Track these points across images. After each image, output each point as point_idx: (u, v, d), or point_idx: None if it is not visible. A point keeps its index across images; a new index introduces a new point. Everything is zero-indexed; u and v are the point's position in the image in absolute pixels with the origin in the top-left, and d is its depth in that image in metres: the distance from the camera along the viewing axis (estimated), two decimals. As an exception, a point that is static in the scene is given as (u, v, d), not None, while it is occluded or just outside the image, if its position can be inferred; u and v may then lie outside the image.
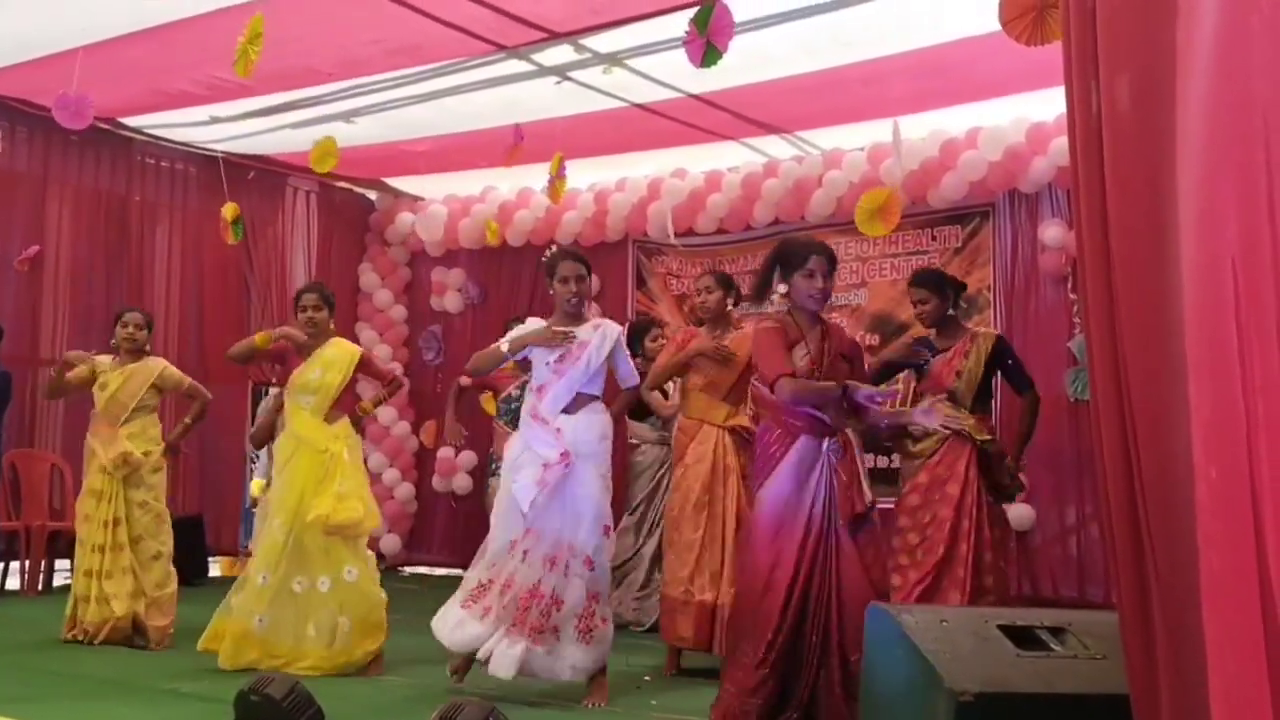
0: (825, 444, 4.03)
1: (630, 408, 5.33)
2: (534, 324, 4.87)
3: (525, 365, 5.82)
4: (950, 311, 5.38)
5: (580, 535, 4.54)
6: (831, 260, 4.19)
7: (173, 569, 5.81)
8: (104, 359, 5.99)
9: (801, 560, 3.97)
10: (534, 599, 4.47)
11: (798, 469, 4.04)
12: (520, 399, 5.90)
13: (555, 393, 4.68)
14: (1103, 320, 2.38)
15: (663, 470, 6.65)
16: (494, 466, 6.03)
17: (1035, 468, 7.23)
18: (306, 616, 5.02)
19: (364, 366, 5.49)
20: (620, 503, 6.43)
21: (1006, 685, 2.80)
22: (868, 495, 4.00)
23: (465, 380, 6.33)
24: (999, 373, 5.41)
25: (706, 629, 5.18)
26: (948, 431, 4.84)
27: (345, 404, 5.44)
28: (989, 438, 5.19)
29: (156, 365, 5.95)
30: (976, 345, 5.27)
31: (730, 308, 5.52)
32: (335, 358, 5.37)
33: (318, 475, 5.13)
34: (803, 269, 4.15)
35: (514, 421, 5.89)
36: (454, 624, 4.61)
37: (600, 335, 4.74)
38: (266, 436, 6.29)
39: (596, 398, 4.73)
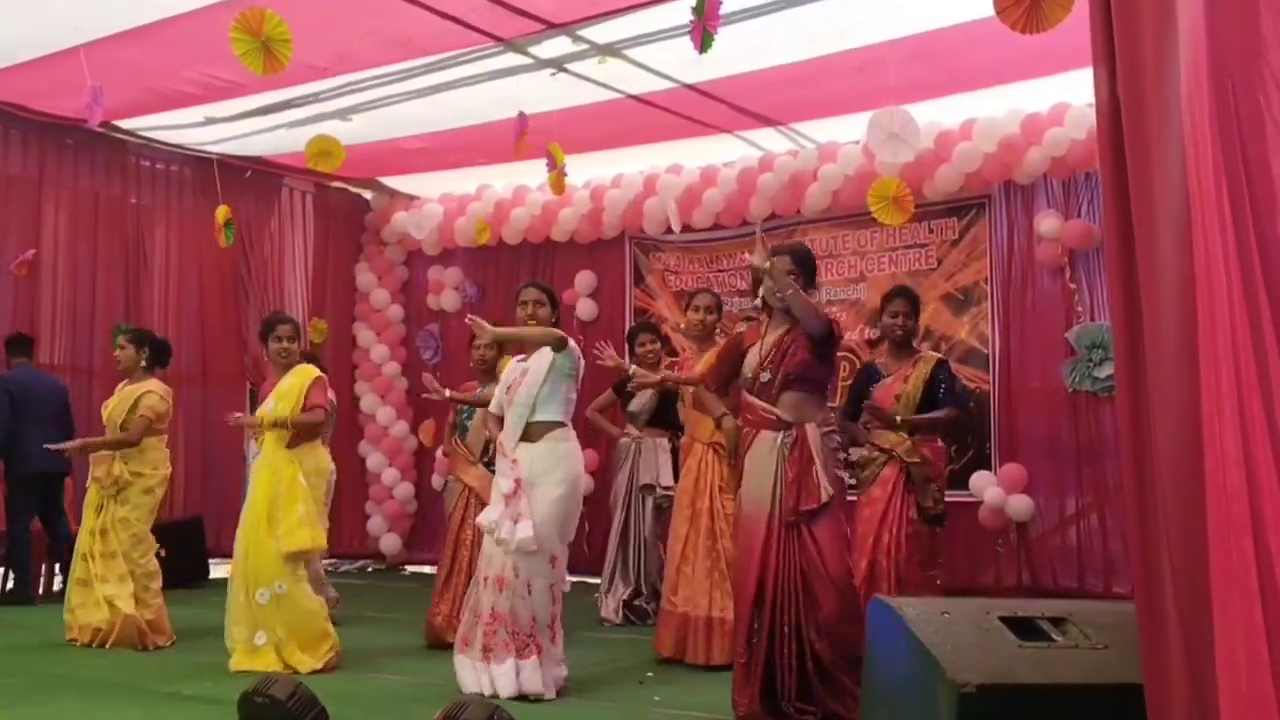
0: (778, 438, 4.14)
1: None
2: (510, 362, 5.00)
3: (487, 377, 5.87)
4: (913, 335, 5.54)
5: (522, 560, 4.54)
6: (800, 261, 4.34)
7: (154, 586, 5.80)
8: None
9: (766, 555, 4.09)
10: (496, 621, 4.54)
11: (754, 464, 4.22)
12: (469, 412, 5.98)
13: (509, 423, 4.75)
14: (1124, 308, 2.39)
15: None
16: (444, 483, 6.10)
17: (1034, 458, 7.25)
18: (257, 625, 5.10)
19: (309, 391, 5.36)
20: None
21: (1009, 676, 2.79)
22: (822, 491, 4.07)
23: (452, 417, 6.35)
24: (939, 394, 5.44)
25: (683, 640, 5.31)
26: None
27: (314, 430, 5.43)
28: (918, 460, 5.23)
29: (142, 388, 5.91)
30: (917, 370, 5.40)
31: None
32: (288, 388, 5.38)
33: (270, 496, 5.20)
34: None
35: (462, 433, 5.99)
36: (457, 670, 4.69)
37: (538, 356, 4.76)
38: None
39: (558, 424, 4.71)
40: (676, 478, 6.37)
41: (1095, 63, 2.48)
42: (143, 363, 5.96)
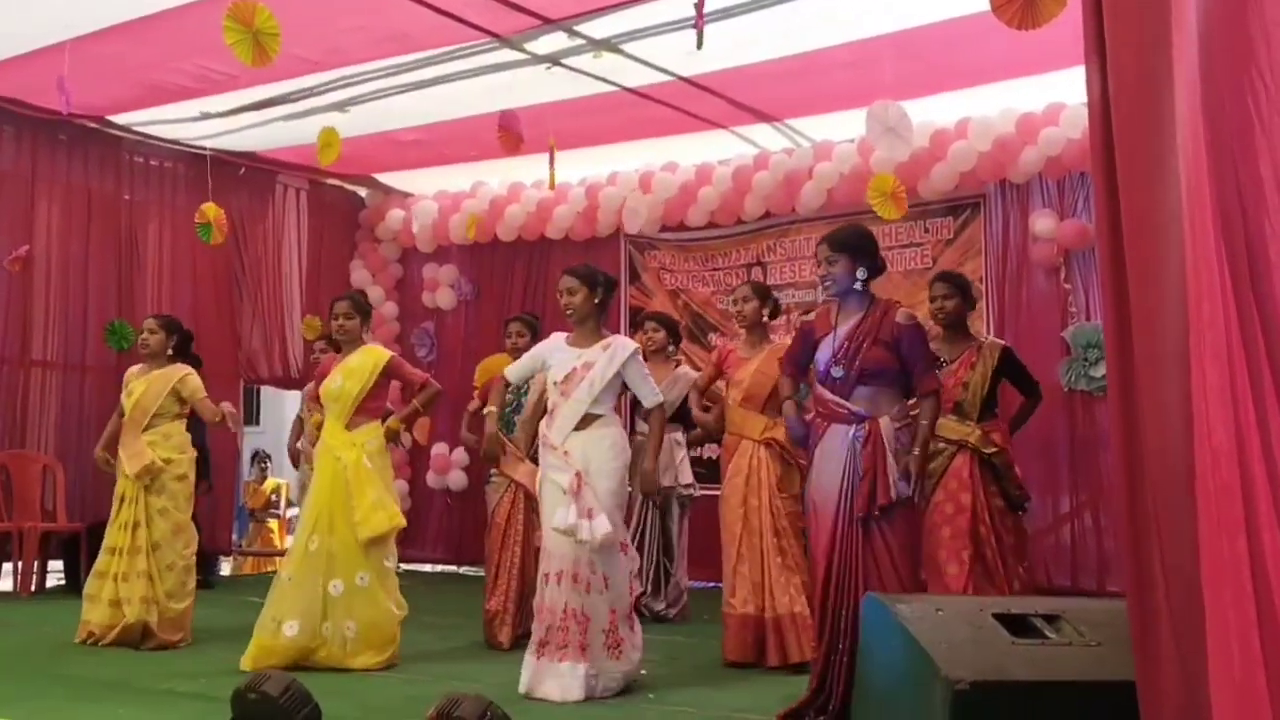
0: (850, 431, 4.01)
1: (665, 427, 5.01)
2: (554, 340, 4.85)
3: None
4: (964, 317, 5.36)
5: (597, 554, 4.49)
6: (833, 244, 4.15)
7: (190, 584, 5.72)
8: (135, 368, 5.98)
9: (832, 549, 3.97)
10: (570, 619, 4.47)
11: (825, 457, 4.07)
12: (515, 405, 5.88)
13: (562, 415, 4.64)
14: (1114, 307, 2.39)
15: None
16: (490, 475, 6.01)
17: (1028, 457, 7.22)
18: (323, 616, 5.03)
19: (392, 371, 5.42)
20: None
21: (1002, 673, 2.80)
22: (894, 490, 3.91)
23: (474, 404, 6.28)
24: (1006, 380, 5.38)
25: (745, 641, 5.19)
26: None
27: (373, 410, 5.39)
28: (994, 449, 5.16)
29: (178, 372, 5.83)
30: (983, 357, 5.25)
31: (766, 318, 5.53)
32: (358, 366, 5.34)
33: (336, 482, 5.15)
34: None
35: (508, 427, 5.89)
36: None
37: (607, 356, 4.66)
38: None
39: (604, 416, 4.64)
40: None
41: (1087, 60, 2.48)
42: (169, 350, 5.91)
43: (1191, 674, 2.09)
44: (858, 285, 4.11)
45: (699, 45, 4.86)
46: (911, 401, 4.20)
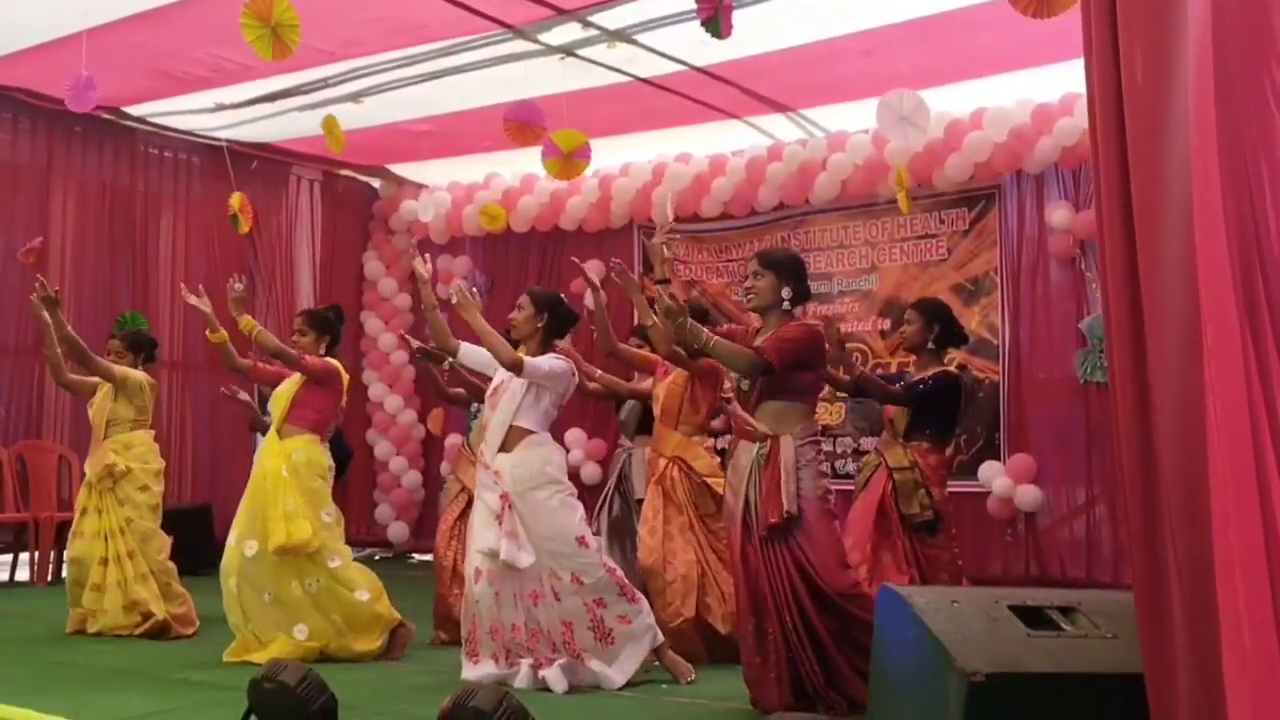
0: (755, 449, 4.11)
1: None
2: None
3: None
4: (930, 346, 5.23)
5: (559, 562, 4.50)
6: (763, 260, 4.31)
7: (175, 586, 5.79)
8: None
9: (746, 560, 4.08)
10: (541, 634, 4.52)
11: (734, 473, 4.22)
12: (475, 412, 5.84)
13: (490, 431, 4.68)
14: (1123, 299, 2.38)
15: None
16: (444, 484, 5.97)
17: (1043, 449, 7.23)
18: (295, 619, 5.05)
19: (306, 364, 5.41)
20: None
21: (1018, 665, 2.79)
22: (785, 506, 3.97)
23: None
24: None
25: (691, 645, 5.13)
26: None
27: (303, 419, 5.34)
28: (904, 467, 5.03)
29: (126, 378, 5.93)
30: (923, 376, 5.19)
31: None
32: (288, 385, 5.44)
33: (259, 492, 5.16)
34: None
35: (468, 434, 5.85)
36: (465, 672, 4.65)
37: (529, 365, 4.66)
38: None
39: (535, 433, 4.63)
40: None
41: (1098, 51, 2.47)
42: (138, 365, 6.11)
43: (1204, 666, 2.08)
44: (785, 305, 4.22)
45: (722, 35, 4.84)
46: (820, 421, 4.26)
